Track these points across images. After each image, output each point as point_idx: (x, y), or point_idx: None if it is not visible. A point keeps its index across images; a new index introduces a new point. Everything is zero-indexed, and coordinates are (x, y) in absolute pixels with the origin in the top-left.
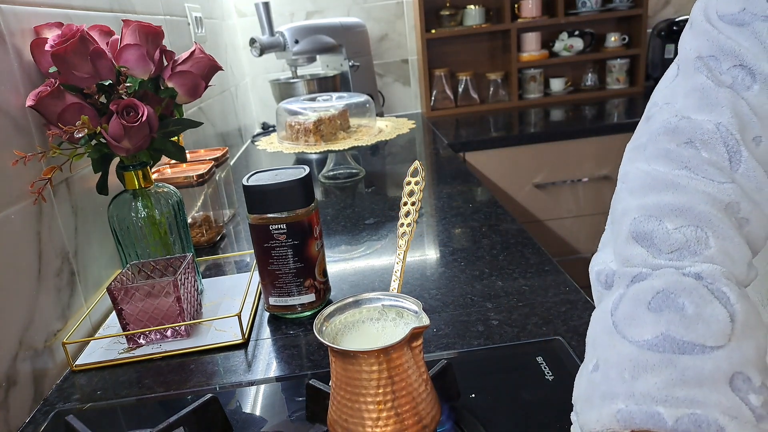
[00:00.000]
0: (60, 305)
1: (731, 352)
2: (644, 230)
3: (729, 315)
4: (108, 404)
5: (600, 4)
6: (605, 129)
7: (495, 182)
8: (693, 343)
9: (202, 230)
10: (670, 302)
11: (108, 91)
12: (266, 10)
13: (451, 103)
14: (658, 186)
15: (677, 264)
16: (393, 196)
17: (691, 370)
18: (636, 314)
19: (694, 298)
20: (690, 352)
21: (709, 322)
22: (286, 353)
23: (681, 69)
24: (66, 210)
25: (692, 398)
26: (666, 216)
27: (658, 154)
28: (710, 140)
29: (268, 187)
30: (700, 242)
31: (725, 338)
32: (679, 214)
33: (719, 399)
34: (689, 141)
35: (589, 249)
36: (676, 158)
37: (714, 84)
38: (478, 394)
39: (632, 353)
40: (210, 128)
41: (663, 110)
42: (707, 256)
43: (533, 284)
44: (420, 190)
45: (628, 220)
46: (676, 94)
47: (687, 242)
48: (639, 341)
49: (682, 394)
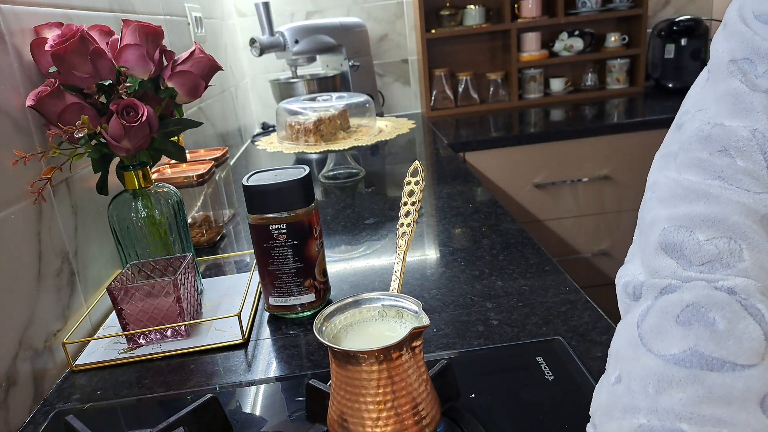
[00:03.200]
0: (60, 305)
1: (765, 371)
2: (674, 241)
3: (764, 333)
4: (108, 404)
5: (600, 4)
6: (605, 129)
7: (495, 182)
8: (723, 360)
9: (202, 230)
10: (700, 316)
11: (108, 91)
12: (266, 10)
13: (451, 103)
14: (690, 196)
15: (709, 277)
16: (393, 196)
17: (720, 388)
18: (663, 327)
19: (726, 313)
20: (719, 369)
21: (741, 339)
22: (286, 353)
23: (712, 73)
24: (66, 210)
25: (719, 417)
26: (697, 227)
27: (690, 163)
28: (745, 148)
29: (268, 187)
30: (734, 255)
31: (758, 357)
32: (712, 225)
33: (748, 419)
34: (723, 149)
35: (589, 249)
36: (709, 167)
37: (748, 88)
38: (478, 394)
39: (658, 367)
40: (210, 128)
41: (695, 117)
42: (741, 270)
43: (533, 284)
44: (420, 190)
45: (657, 230)
46: (707, 100)
47: (719, 254)
48: (665, 355)
49: (708, 412)
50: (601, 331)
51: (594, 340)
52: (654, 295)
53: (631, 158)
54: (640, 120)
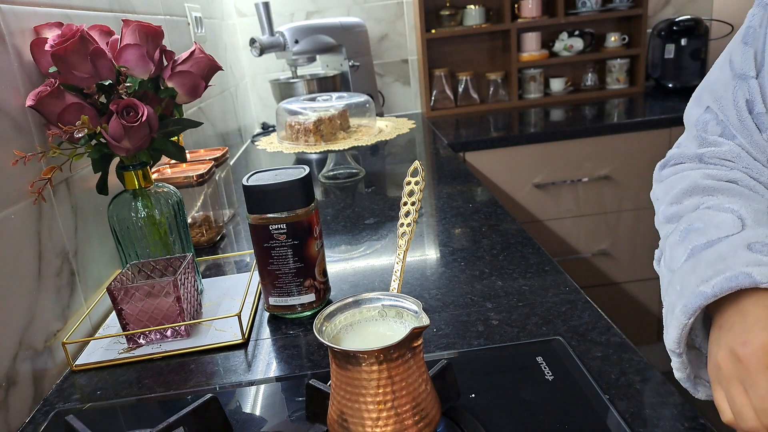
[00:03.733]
0: (60, 305)
1: (745, 233)
2: (671, 213)
3: (737, 217)
4: (108, 404)
5: (600, 4)
6: (605, 129)
7: (495, 182)
8: (710, 241)
9: (202, 230)
10: (690, 230)
11: (108, 91)
12: (266, 10)
13: (451, 103)
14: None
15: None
16: (393, 196)
17: (712, 254)
18: (673, 252)
19: (703, 217)
20: (709, 246)
21: (719, 225)
22: (286, 353)
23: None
24: (66, 210)
25: (720, 269)
26: (683, 197)
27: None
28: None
29: (268, 187)
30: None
31: (738, 228)
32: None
33: (740, 259)
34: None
35: (589, 249)
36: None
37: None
38: (478, 394)
39: (672, 276)
40: (210, 128)
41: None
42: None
43: (533, 284)
44: (420, 190)
45: (659, 211)
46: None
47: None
48: (678, 266)
49: (710, 272)
50: (601, 331)
51: (594, 340)
52: (662, 242)
53: (631, 158)
54: (640, 120)
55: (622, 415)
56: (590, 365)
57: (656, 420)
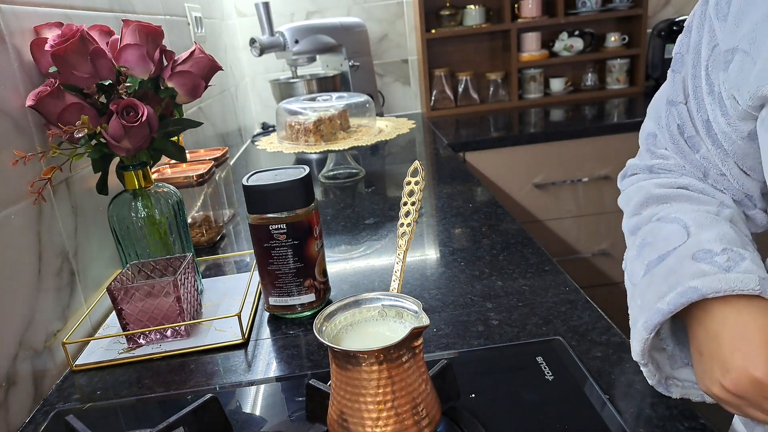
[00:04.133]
0: (60, 305)
1: (689, 243)
2: (632, 225)
3: (682, 226)
4: (108, 404)
5: (600, 4)
6: (605, 129)
7: (495, 182)
8: (661, 255)
9: (202, 230)
10: (644, 244)
11: (108, 91)
12: (266, 10)
13: (451, 103)
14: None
15: (647, 214)
16: (393, 196)
17: (664, 268)
18: (633, 267)
19: (654, 230)
20: (661, 261)
21: (667, 237)
22: (286, 353)
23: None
24: (66, 210)
25: (671, 284)
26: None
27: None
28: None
29: (268, 187)
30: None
31: (683, 238)
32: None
33: (687, 271)
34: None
35: (589, 249)
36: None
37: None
38: (478, 394)
39: (633, 290)
40: (210, 128)
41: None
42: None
43: (533, 284)
44: (420, 190)
45: (623, 223)
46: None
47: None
48: (637, 281)
49: (664, 288)
50: (601, 331)
51: (594, 340)
52: (628, 253)
53: (630, 158)
54: (640, 120)
55: (622, 415)
56: (590, 365)
57: (656, 420)
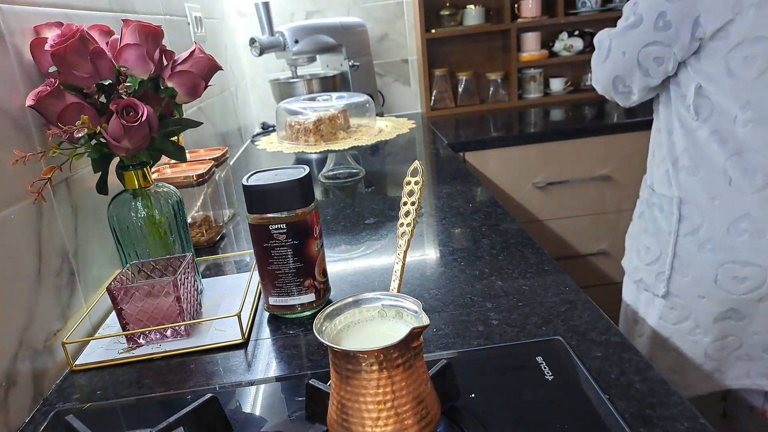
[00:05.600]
0: (60, 305)
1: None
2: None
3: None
4: (108, 404)
5: (600, 4)
6: (605, 129)
7: (495, 182)
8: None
9: (202, 230)
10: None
11: (108, 91)
12: (266, 10)
13: (451, 103)
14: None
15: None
16: (393, 196)
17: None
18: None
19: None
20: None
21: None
22: (286, 353)
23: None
24: (66, 210)
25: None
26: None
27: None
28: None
29: (268, 187)
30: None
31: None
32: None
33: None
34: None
35: (589, 249)
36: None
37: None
38: (478, 394)
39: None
40: (210, 128)
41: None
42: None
43: (533, 284)
44: (420, 190)
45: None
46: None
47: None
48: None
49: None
50: (601, 330)
51: (594, 340)
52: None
53: (631, 158)
54: (640, 120)
55: (622, 415)
56: (590, 365)
57: (656, 420)
